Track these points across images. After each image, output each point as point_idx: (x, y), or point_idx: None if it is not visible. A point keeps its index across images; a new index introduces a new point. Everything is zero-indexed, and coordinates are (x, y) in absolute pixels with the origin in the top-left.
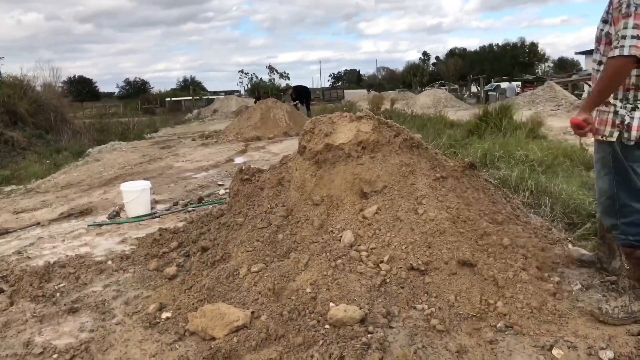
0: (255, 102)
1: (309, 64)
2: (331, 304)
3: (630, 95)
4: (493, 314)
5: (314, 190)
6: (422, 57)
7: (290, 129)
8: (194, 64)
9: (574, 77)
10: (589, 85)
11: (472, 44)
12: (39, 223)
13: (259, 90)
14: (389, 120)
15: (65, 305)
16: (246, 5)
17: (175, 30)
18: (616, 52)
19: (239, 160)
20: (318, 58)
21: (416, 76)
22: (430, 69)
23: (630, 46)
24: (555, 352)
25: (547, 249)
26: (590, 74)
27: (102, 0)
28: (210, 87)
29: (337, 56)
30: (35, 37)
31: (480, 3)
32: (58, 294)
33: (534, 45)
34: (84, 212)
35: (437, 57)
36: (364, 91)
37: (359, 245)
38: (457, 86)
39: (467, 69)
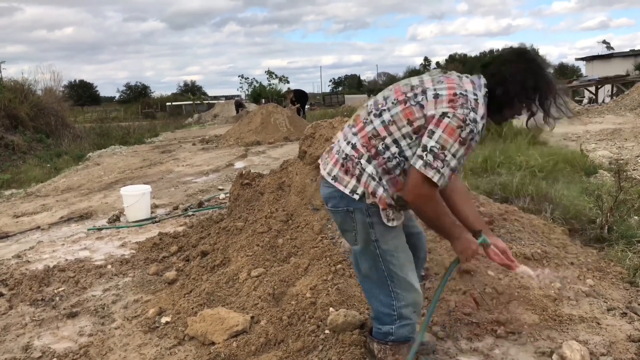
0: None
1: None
2: (331, 309)
3: None
4: (493, 320)
5: (314, 195)
6: (423, 63)
7: (290, 133)
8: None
9: (575, 83)
10: (590, 92)
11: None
12: (38, 227)
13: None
14: None
15: (64, 309)
16: None
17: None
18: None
19: (239, 164)
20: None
21: None
22: None
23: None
24: (555, 358)
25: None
26: (590, 80)
27: None
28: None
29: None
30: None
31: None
32: (57, 298)
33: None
34: (83, 216)
35: (437, 63)
36: (365, 96)
37: None
38: None
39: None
